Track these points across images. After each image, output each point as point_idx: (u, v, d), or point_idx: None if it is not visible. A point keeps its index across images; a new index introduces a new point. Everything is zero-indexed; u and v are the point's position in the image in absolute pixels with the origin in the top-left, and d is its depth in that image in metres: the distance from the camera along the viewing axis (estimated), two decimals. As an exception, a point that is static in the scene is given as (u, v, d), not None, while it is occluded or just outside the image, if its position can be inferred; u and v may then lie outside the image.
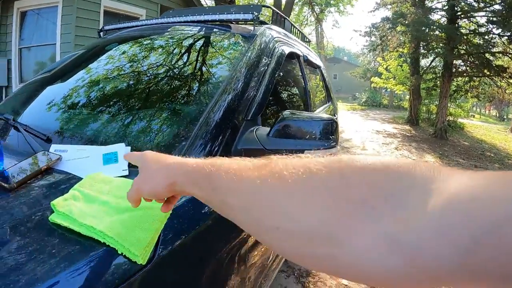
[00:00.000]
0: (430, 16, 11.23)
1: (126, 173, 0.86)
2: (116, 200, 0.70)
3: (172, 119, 1.15)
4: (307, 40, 3.50)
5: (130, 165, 0.89)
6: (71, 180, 0.82)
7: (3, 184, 0.77)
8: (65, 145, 0.97)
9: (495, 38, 10.23)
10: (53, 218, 0.65)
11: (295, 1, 16.74)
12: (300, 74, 2.29)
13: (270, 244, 0.41)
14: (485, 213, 0.23)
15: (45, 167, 0.85)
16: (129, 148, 0.94)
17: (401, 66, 15.18)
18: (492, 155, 9.09)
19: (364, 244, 0.29)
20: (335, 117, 1.14)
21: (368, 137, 9.72)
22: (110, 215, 0.66)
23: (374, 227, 0.29)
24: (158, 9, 8.55)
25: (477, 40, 10.34)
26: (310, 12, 21.55)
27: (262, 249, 1.20)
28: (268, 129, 1.12)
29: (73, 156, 0.91)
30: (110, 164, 0.88)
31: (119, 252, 0.61)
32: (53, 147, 0.96)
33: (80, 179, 0.80)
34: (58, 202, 0.67)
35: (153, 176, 0.55)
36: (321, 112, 2.59)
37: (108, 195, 0.72)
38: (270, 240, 0.40)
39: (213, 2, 9.98)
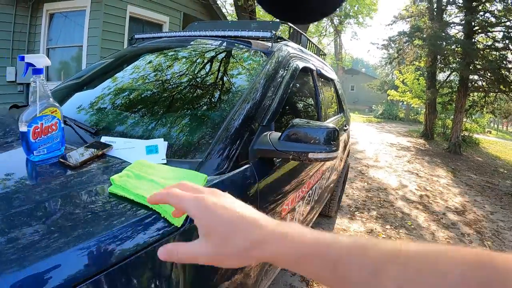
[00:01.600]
0: (447, 30, 11.25)
1: (165, 161, 1.08)
2: (160, 179, 0.92)
3: (200, 123, 1.36)
4: (322, 53, 3.70)
5: (166, 155, 1.11)
6: (122, 163, 1.04)
7: (68, 163, 0.98)
8: (114, 138, 1.19)
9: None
10: (112, 189, 0.86)
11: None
12: (313, 86, 2.48)
13: None
14: None
15: (100, 152, 1.07)
16: (166, 143, 1.15)
17: (418, 79, 15.19)
18: (505, 171, 9.08)
19: None
20: (336, 127, 1.32)
21: (381, 150, 9.83)
22: (156, 188, 0.86)
23: None
24: (181, 16, 8.85)
25: (493, 55, 10.26)
26: (330, 23, 21.75)
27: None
28: (279, 133, 1.30)
29: (121, 147, 1.13)
30: (151, 154, 1.09)
31: (162, 216, 0.81)
32: (103, 139, 1.18)
33: (129, 163, 1.02)
34: (115, 178, 0.89)
35: (241, 254, 0.48)
36: (331, 122, 2.78)
37: (153, 176, 0.93)
38: None
39: (234, 10, 10.25)
